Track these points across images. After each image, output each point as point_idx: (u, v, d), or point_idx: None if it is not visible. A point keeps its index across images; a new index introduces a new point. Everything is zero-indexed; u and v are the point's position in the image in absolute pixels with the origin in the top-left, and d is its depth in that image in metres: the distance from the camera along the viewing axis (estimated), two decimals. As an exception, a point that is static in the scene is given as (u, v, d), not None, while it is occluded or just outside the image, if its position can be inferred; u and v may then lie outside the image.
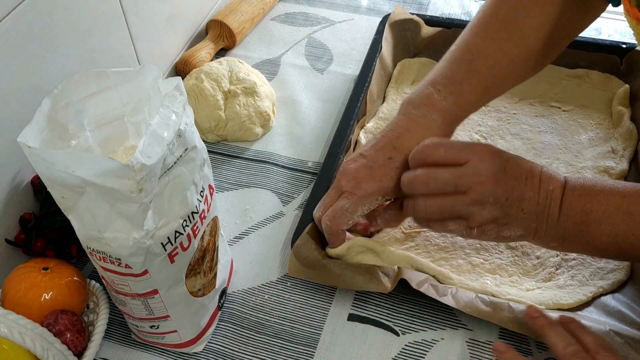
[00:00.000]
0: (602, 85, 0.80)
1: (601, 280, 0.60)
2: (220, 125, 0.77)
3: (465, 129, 0.77)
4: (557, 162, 0.72)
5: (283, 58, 0.91)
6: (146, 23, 0.76)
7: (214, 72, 0.78)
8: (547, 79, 0.81)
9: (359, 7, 1.00)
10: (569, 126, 0.77)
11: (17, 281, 0.54)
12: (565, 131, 0.76)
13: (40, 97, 0.46)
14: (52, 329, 0.52)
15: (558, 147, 0.74)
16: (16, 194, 0.60)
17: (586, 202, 0.52)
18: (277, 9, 1.00)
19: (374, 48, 0.82)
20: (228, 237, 0.67)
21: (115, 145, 0.52)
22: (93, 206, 0.42)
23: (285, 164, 0.75)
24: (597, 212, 0.51)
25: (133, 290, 0.49)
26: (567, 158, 0.73)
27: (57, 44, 0.61)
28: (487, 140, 0.76)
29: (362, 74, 0.79)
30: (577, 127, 0.77)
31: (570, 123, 0.77)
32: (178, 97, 0.45)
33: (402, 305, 0.61)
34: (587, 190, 0.52)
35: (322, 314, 0.60)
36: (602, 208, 0.51)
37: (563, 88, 0.81)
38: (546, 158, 0.73)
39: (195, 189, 0.48)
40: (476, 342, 0.58)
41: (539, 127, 0.77)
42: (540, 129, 0.76)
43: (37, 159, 0.41)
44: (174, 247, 0.47)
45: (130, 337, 0.59)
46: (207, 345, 0.58)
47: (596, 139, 0.75)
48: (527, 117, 0.78)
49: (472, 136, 0.76)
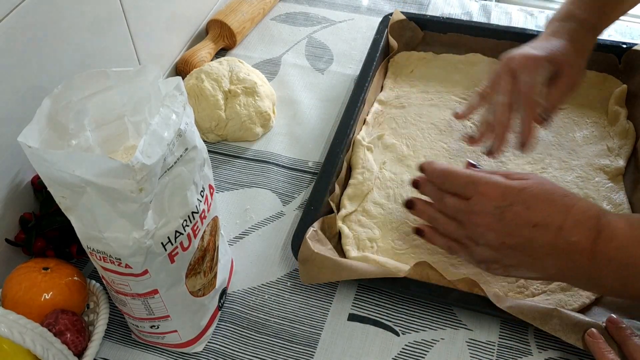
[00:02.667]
0: (599, 84, 0.80)
1: None
2: (221, 125, 0.77)
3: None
4: (550, 158, 0.73)
5: (283, 58, 0.91)
6: (146, 23, 0.76)
7: (214, 72, 0.78)
8: None
9: (359, 7, 1.00)
10: (563, 124, 0.77)
11: (17, 281, 0.54)
12: (560, 128, 0.76)
13: (40, 97, 0.46)
14: (52, 329, 0.52)
15: (552, 143, 0.74)
16: (16, 194, 0.60)
17: (628, 256, 0.48)
18: (278, 9, 1.00)
19: (374, 48, 0.83)
20: (228, 237, 0.67)
21: (116, 145, 0.52)
22: (93, 206, 0.42)
23: (285, 163, 0.75)
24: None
25: (133, 290, 0.49)
26: (561, 155, 0.73)
27: (57, 44, 0.61)
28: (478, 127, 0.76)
29: (362, 74, 0.79)
30: (572, 124, 0.77)
31: (565, 121, 0.77)
32: (178, 96, 0.45)
33: (402, 305, 0.61)
34: (628, 238, 0.49)
35: (322, 314, 0.60)
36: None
37: None
38: (539, 154, 0.73)
39: (196, 189, 0.48)
40: (476, 342, 0.58)
41: (533, 122, 0.77)
42: (535, 125, 0.76)
43: (37, 159, 0.41)
44: (174, 247, 0.47)
45: (130, 337, 0.59)
46: (207, 345, 0.58)
47: (591, 137, 0.75)
48: None
49: (465, 123, 0.77)
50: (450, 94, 0.81)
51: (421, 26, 0.87)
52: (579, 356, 0.56)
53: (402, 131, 0.76)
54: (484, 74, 0.82)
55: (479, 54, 0.85)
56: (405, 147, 0.74)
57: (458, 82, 0.83)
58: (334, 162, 0.68)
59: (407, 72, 0.85)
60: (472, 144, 0.69)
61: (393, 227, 0.66)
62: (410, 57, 0.87)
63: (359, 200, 0.69)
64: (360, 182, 0.70)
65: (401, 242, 0.65)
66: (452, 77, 0.84)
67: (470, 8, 0.99)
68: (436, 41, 0.87)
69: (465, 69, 0.84)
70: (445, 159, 0.73)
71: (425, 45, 0.87)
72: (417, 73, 0.85)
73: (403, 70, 0.85)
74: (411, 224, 0.66)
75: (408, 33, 0.87)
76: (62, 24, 0.61)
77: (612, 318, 0.54)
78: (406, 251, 0.64)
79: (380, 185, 0.70)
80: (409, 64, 0.86)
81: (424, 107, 0.79)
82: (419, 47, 0.88)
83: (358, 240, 0.65)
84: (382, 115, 0.79)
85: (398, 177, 0.71)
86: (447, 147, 0.74)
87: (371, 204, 0.68)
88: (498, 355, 0.57)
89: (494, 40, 0.84)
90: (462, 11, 0.98)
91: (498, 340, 0.58)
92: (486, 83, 0.67)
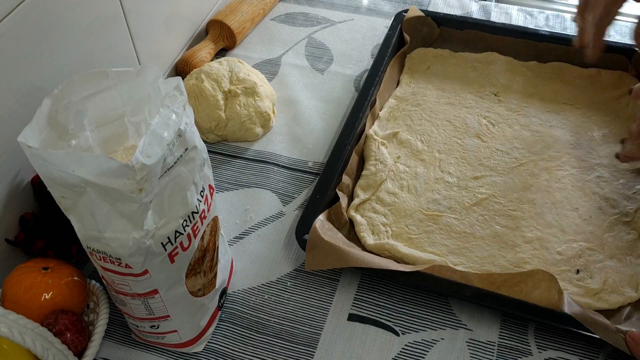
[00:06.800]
0: (614, 83, 0.80)
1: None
2: (221, 125, 0.77)
3: (474, 113, 0.78)
4: (567, 156, 0.72)
5: (283, 58, 0.91)
6: (146, 23, 0.76)
7: (214, 72, 0.78)
8: (559, 77, 0.81)
9: (359, 7, 1.00)
10: (581, 123, 0.77)
11: (17, 281, 0.54)
12: (577, 127, 0.76)
13: (40, 97, 0.46)
14: (52, 329, 0.52)
15: (569, 142, 0.74)
16: (16, 194, 0.60)
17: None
18: (277, 9, 1.00)
19: (386, 43, 0.84)
20: (228, 237, 0.67)
21: (116, 145, 0.52)
22: (93, 206, 0.42)
23: (285, 164, 0.75)
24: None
25: (133, 290, 0.49)
26: (579, 154, 0.73)
27: (57, 44, 0.61)
28: (494, 126, 0.76)
29: (373, 68, 0.80)
30: (590, 124, 0.76)
31: (582, 120, 0.77)
32: (178, 97, 0.45)
33: (402, 305, 0.61)
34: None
35: (322, 314, 0.60)
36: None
37: (575, 87, 0.81)
38: (555, 151, 0.73)
39: (196, 189, 0.48)
40: (476, 342, 0.58)
41: (549, 121, 0.77)
42: (551, 124, 0.77)
43: (37, 159, 0.41)
44: (174, 247, 0.47)
45: (130, 337, 0.59)
46: (207, 345, 0.58)
47: (610, 136, 0.74)
48: (537, 111, 0.78)
49: (480, 120, 0.77)
50: (466, 92, 0.81)
51: (438, 23, 0.88)
52: (579, 356, 0.56)
53: (416, 127, 0.77)
54: (500, 73, 0.83)
55: (495, 53, 0.86)
56: (420, 143, 0.75)
57: (474, 80, 0.83)
58: (341, 153, 0.69)
59: (424, 69, 0.85)
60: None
61: (407, 214, 0.67)
62: (426, 53, 0.87)
63: (373, 190, 0.69)
64: (373, 172, 0.71)
65: (415, 228, 0.66)
66: (468, 75, 0.84)
67: (470, 8, 0.99)
68: (453, 38, 0.88)
69: (481, 68, 0.85)
70: (460, 154, 0.73)
71: (442, 42, 0.89)
72: (433, 70, 0.85)
73: (420, 66, 0.86)
74: (425, 212, 0.67)
75: (425, 29, 0.88)
76: (62, 24, 0.61)
77: (633, 333, 0.53)
78: (419, 236, 0.65)
79: (394, 177, 0.71)
80: (425, 60, 0.87)
81: (439, 105, 0.80)
82: (436, 44, 0.89)
83: (372, 226, 0.66)
84: (398, 110, 0.79)
85: (412, 170, 0.72)
86: (462, 142, 0.75)
87: (385, 193, 0.69)
88: (498, 355, 0.57)
89: (511, 38, 0.85)
90: (462, 11, 0.98)
91: (498, 340, 0.58)
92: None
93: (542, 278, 0.56)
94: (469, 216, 0.67)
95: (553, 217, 0.66)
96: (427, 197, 0.69)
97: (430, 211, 0.67)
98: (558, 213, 0.67)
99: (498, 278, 0.58)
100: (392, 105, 0.80)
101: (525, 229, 0.65)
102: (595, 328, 0.53)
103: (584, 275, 0.61)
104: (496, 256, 0.63)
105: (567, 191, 0.69)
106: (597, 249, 0.63)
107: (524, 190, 0.69)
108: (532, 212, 0.67)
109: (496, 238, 0.65)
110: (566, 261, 0.62)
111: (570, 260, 0.62)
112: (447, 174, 0.71)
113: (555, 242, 0.64)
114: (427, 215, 0.67)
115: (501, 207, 0.67)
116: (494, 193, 0.69)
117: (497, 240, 0.64)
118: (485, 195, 0.69)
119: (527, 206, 0.67)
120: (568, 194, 0.68)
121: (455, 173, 0.71)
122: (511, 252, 0.63)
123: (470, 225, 0.66)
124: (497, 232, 0.65)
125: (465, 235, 0.65)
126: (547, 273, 0.56)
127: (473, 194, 0.69)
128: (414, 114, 0.78)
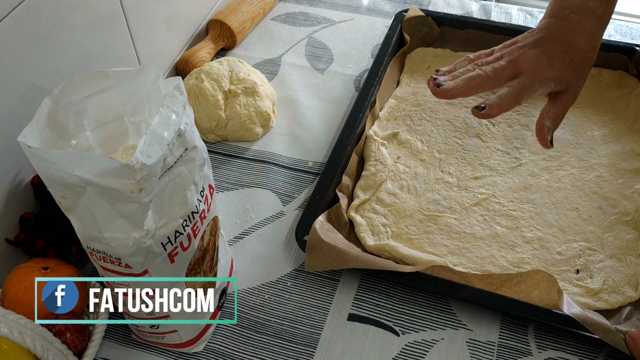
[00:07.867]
0: (615, 83, 0.80)
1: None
2: (221, 125, 0.76)
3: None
4: (568, 156, 0.73)
5: (283, 58, 0.91)
6: (146, 23, 0.76)
7: (214, 72, 0.78)
8: None
9: (359, 7, 1.00)
10: (581, 122, 0.77)
11: (17, 281, 0.54)
12: (577, 127, 0.76)
13: (40, 97, 0.46)
14: (52, 329, 0.52)
15: (569, 142, 0.74)
16: (16, 194, 0.60)
17: None
18: (277, 8, 1.00)
19: (386, 43, 0.84)
20: (228, 237, 0.67)
21: (116, 145, 0.52)
22: (93, 206, 0.42)
23: (285, 163, 0.75)
24: None
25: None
26: (579, 153, 0.73)
27: (57, 44, 0.61)
28: (494, 126, 0.76)
29: (373, 68, 0.80)
30: (590, 124, 0.76)
31: (583, 119, 0.77)
32: (178, 96, 0.45)
33: (402, 305, 0.61)
34: None
35: (322, 314, 0.60)
36: None
37: None
38: (556, 151, 0.73)
39: (196, 189, 0.48)
40: (476, 342, 0.58)
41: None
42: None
43: (37, 158, 0.41)
44: (174, 246, 0.47)
45: (130, 337, 0.59)
46: (207, 345, 0.58)
47: (610, 135, 0.74)
48: (537, 111, 0.78)
49: (480, 120, 0.77)
50: None
51: (438, 23, 0.88)
52: (578, 356, 0.56)
53: (416, 128, 0.77)
54: None
55: None
56: (420, 143, 0.75)
57: None
58: (341, 153, 0.69)
59: (424, 68, 0.85)
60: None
61: (407, 215, 0.67)
62: (427, 53, 0.87)
63: (372, 190, 0.69)
64: (372, 173, 0.71)
65: (415, 228, 0.66)
66: None
67: (470, 8, 0.99)
68: (453, 38, 0.88)
69: None
70: (460, 155, 0.73)
71: (442, 41, 0.89)
72: (433, 70, 0.85)
73: (420, 66, 0.86)
74: (425, 212, 0.67)
75: (425, 29, 0.88)
76: (62, 24, 0.61)
77: (633, 333, 0.53)
78: (419, 237, 0.65)
79: (394, 177, 0.71)
80: (425, 60, 0.87)
81: (439, 105, 0.80)
82: (436, 44, 0.89)
83: (372, 226, 0.66)
84: (397, 110, 0.79)
85: (412, 170, 0.72)
86: (462, 142, 0.75)
87: (385, 193, 0.69)
88: (498, 355, 0.57)
89: (510, 38, 0.85)
90: (462, 11, 0.98)
91: (498, 340, 0.58)
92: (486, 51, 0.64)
93: (542, 278, 0.56)
94: (469, 216, 0.67)
95: (553, 217, 0.66)
96: (427, 197, 0.69)
97: (430, 211, 0.67)
98: (558, 213, 0.67)
99: (498, 278, 0.58)
100: (392, 105, 0.80)
101: (525, 229, 0.65)
102: (595, 328, 0.53)
103: (584, 275, 0.61)
104: (496, 256, 0.63)
105: (567, 191, 0.69)
106: (597, 248, 0.63)
107: (524, 190, 0.69)
108: (532, 212, 0.67)
109: (496, 238, 0.65)
110: (566, 261, 0.62)
111: (570, 260, 0.62)
112: (447, 174, 0.71)
113: (555, 242, 0.64)
114: (427, 215, 0.67)
115: (501, 207, 0.67)
116: (494, 193, 0.69)
117: (497, 240, 0.64)
118: (485, 196, 0.69)
119: (527, 206, 0.67)
120: (568, 194, 0.68)
121: (455, 173, 0.71)
122: (511, 252, 0.63)
123: (470, 225, 0.66)
124: (497, 232, 0.65)
125: (465, 236, 0.65)
126: (547, 273, 0.56)
127: (473, 194, 0.69)
128: (414, 114, 0.78)
